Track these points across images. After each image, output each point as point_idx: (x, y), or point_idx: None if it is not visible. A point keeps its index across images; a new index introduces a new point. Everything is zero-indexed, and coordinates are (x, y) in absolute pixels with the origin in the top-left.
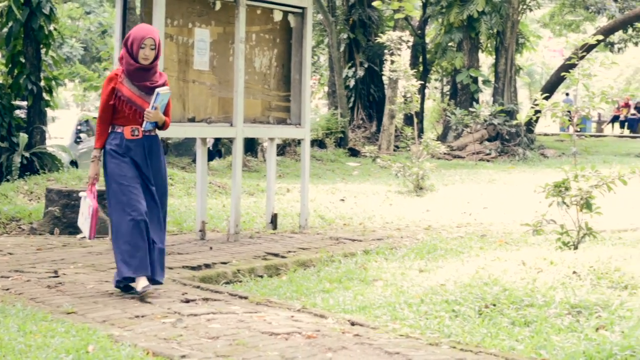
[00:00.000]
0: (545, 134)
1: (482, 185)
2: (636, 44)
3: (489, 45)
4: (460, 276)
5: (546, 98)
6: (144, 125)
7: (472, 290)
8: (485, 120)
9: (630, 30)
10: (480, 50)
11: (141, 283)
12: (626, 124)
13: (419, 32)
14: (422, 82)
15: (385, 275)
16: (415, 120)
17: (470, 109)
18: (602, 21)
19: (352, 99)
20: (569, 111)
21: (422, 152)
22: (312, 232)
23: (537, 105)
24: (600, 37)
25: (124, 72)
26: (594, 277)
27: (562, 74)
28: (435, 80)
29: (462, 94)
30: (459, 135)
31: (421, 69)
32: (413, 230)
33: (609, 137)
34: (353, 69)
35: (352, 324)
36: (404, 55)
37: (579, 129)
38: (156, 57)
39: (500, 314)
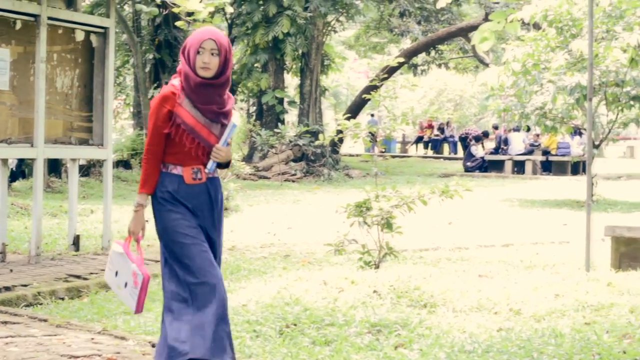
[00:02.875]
0: (350, 155)
1: (287, 205)
2: (439, 66)
3: (294, 66)
4: (262, 296)
5: (350, 119)
6: (209, 165)
7: (273, 311)
8: (291, 141)
9: (433, 53)
10: (285, 72)
11: None
12: (430, 144)
13: None
14: None
15: None
16: None
17: (276, 130)
18: (407, 43)
19: None
20: (371, 132)
21: (227, 173)
22: None
23: (339, 126)
24: (401, 59)
25: (183, 91)
26: (394, 296)
27: (364, 96)
28: (242, 101)
29: (267, 115)
30: (264, 155)
31: None
32: None
33: (413, 157)
34: (159, 89)
35: (153, 345)
36: None
37: (383, 150)
38: (224, 69)
39: (301, 333)
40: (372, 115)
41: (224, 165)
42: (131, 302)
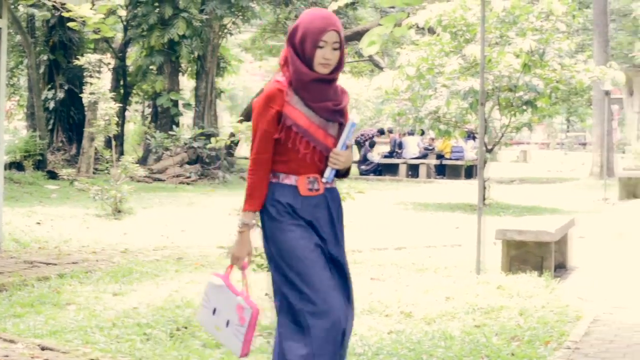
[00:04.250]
0: (246, 158)
1: (181, 208)
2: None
3: (190, 69)
4: (154, 299)
5: (245, 121)
6: (326, 173)
7: (164, 313)
8: (186, 144)
9: None
10: (181, 74)
11: None
12: None
13: (120, 54)
14: (123, 105)
15: (78, 299)
16: (114, 143)
17: (171, 132)
18: None
19: (52, 121)
20: None
21: (120, 175)
22: (5, 255)
23: (234, 129)
24: None
25: (291, 87)
26: None
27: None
28: (137, 103)
29: (162, 117)
30: (159, 158)
31: (122, 91)
32: (109, 253)
33: None
34: (53, 90)
35: (43, 348)
36: (105, 78)
37: None
38: (340, 64)
39: (192, 336)
40: None
41: (343, 172)
42: (235, 344)
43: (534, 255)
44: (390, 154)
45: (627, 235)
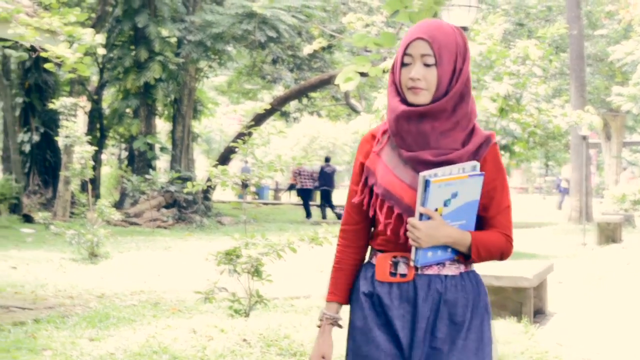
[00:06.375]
0: (223, 202)
1: (158, 252)
2: (312, 113)
3: (166, 112)
4: (131, 345)
5: (221, 165)
6: (414, 254)
7: (141, 359)
8: (162, 187)
9: (305, 100)
10: (157, 117)
11: None
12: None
13: (96, 97)
14: (99, 148)
15: (54, 344)
16: (90, 186)
17: (147, 176)
18: (279, 90)
19: (27, 164)
20: (242, 180)
21: (97, 219)
22: None
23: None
24: (268, 107)
25: (388, 131)
26: (264, 345)
27: (230, 144)
28: (113, 146)
29: (139, 161)
30: (136, 202)
31: (98, 134)
32: (86, 298)
33: (285, 204)
34: (29, 133)
35: None
36: (81, 121)
37: (257, 197)
38: (449, 87)
39: None
40: (246, 162)
41: (467, 255)
42: None
43: (512, 301)
44: None
45: (605, 280)
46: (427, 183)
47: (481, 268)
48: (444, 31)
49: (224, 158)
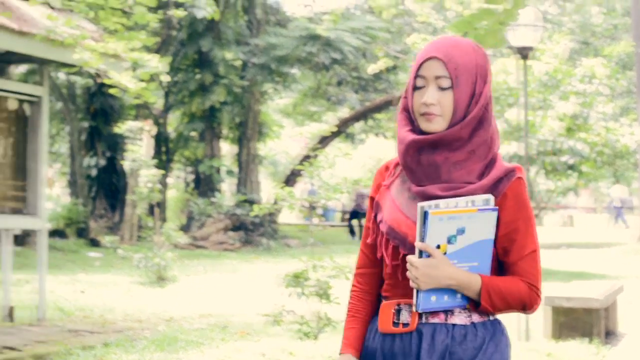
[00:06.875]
0: (289, 224)
1: (225, 275)
2: (377, 134)
3: (231, 135)
4: None
5: (286, 187)
6: (415, 298)
7: None
8: (228, 210)
9: (370, 122)
10: (222, 140)
11: None
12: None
13: (161, 121)
14: (164, 172)
15: None
16: (157, 210)
17: (213, 199)
18: (344, 112)
19: (93, 188)
20: (309, 202)
21: (164, 243)
22: (50, 324)
23: (275, 196)
24: (335, 129)
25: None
26: None
27: (295, 166)
28: (178, 169)
29: (205, 184)
30: (202, 225)
31: (164, 158)
32: (154, 321)
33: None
34: (94, 158)
35: None
36: (147, 144)
37: (323, 219)
38: (466, 112)
39: None
40: (312, 184)
41: (477, 303)
42: None
43: (583, 322)
44: None
45: None
46: (425, 215)
47: (552, 289)
48: (462, 49)
49: (289, 180)
